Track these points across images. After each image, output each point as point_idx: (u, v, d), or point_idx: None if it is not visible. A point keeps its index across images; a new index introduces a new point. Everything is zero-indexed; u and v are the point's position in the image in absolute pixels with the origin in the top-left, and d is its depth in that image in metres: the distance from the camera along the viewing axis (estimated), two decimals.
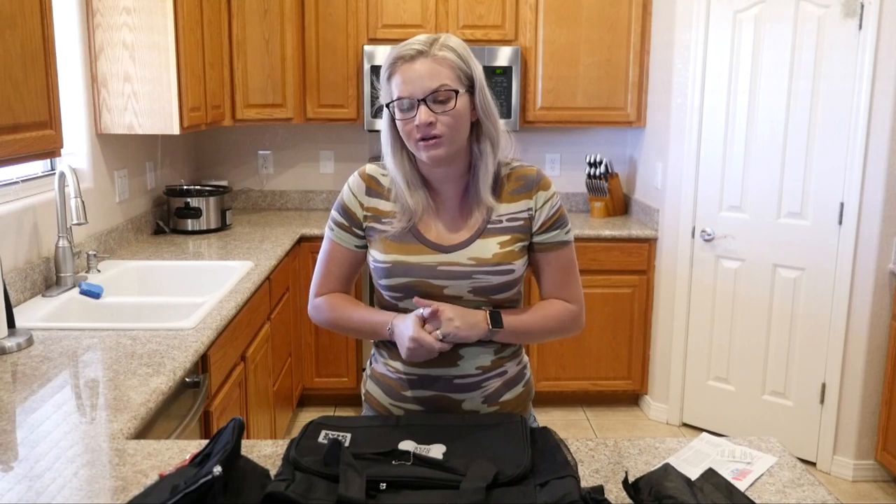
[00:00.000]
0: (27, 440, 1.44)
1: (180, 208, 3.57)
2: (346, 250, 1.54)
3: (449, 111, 1.39)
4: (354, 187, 1.53)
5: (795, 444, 3.40)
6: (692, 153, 3.57)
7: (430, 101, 1.38)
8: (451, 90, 1.39)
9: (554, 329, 1.54)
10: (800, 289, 3.36)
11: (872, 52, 3.03)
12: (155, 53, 2.93)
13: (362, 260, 1.56)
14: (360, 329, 1.54)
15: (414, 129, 1.39)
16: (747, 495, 1.24)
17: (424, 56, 1.38)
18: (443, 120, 1.39)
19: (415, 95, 1.38)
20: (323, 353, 3.83)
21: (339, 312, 1.55)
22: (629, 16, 3.89)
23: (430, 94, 1.37)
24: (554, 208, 1.52)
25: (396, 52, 1.41)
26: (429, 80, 1.38)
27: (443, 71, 1.38)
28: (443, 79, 1.38)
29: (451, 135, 1.41)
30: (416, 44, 1.40)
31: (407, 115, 1.40)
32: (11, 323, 2.00)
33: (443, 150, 1.41)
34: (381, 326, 1.48)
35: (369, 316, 1.52)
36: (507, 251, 1.47)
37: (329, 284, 1.57)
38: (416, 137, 1.40)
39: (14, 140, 1.73)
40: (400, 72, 1.40)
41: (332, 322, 1.56)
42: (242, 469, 1.18)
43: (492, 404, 1.52)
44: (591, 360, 3.90)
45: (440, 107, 1.38)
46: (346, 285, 1.59)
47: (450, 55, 1.40)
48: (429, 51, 1.39)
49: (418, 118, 1.38)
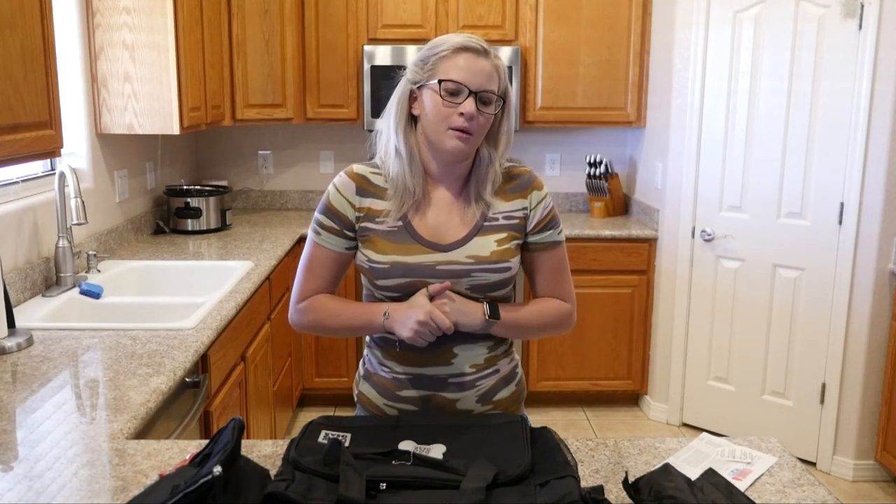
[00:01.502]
0: (27, 440, 1.44)
1: (180, 208, 3.57)
2: (334, 253, 1.52)
3: (488, 114, 1.45)
4: (342, 188, 1.51)
5: (795, 444, 3.40)
6: (692, 153, 3.57)
7: (478, 99, 1.43)
8: (498, 96, 1.46)
9: (548, 325, 1.56)
10: (800, 289, 3.36)
11: (872, 52, 3.03)
12: (155, 53, 2.93)
13: (349, 262, 1.54)
14: (352, 323, 1.49)
15: (455, 116, 1.42)
16: (747, 495, 1.24)
17: (488, 57, 1.45)
18: (479, 120, 1.44)
19: (471, 86, 1.42)
20: (323, 353, 3.83)
21: (327, 311, 1.51)
22: (629, 16, 3.89)
23: (484, 91, 1.43)
24: (547, 209, 1.54)
25: (462, 41, 1.44)
26: (487, 79, 1.44)
27: (496, 77, 1.46)
28: (494, 84, 1.45)
29: (478, 137, 1.46)
30: (482, 42, 1.46)
31: (453, 100, 1.43)
32: (11, 323, 2.00)
33: (469, 146, 1.46)
34: (376, 314, 1.45)
35: (361, 308, 1.50)
36: (505, 248, 1.49)
37: (314, 289, 1.53)
38: (454, 125, 1.43)
39: (14, 140, 1.73)
40: (463, 59, 1.43)
41: (318, 322, 1.52)
42: (242, 469, 1.18)
43: (485, 403, 1.52)
44: (591, 360, 3.90)
45: (483, 107, 1.44)
46: (333, 288, 1.56)
47: (502, 66, 1.48)
48: (490, 54, 1.46)
49: (465, 107, 1.42)
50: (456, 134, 1.43)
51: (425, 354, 1.48)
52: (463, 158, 1.48)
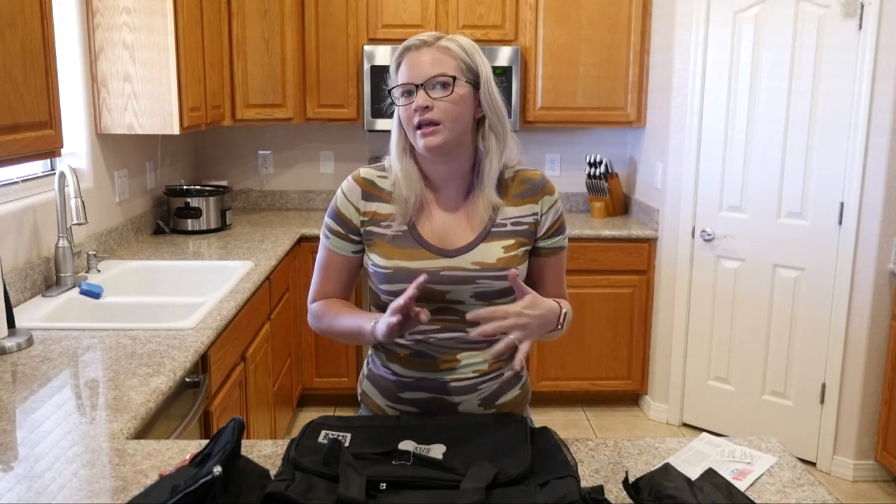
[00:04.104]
0: (27, 440, 1.44)
1: (180, 208, 3.57)
2: (343, 257, 1.52)
3: (447, 97, 1.40)
4: (349, 192, 1.50)
5: (795, 444, 3.40)
6: (692, 153, 3.57)
7: (429, 88, 1.40)
8: (449, 76, 1.40)
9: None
10: (800, 289, 3.36)
11: (872, 52, 3.03)
12: (155, 53, 2.93)
13: (359, 265, 1.54)
14: (347, 331, 1.47)
15: (412, 115, 1.41)
16: (747, 495, 1.23)
17: (429, 46, 1.42)
18: (440, 106, 1.40)
19: (415, 81, 1.40)
20: (323, 353, 3.83)
21: (327, 319, 1.51)
22: (629, 16, 3.89)
23: (430, 79, 1.40)
24: (557, 214, 1.53)
25: (404, 44, 1.44)
26: (429, 68, 1.40)
27: (446, 60, 1.41)
28: (444, 67, 1.41)
29: (449, 123, 1.41)
30: (424, 35, 1.44)
31: (407, 101, 1.42)
32: (11, 323, 2.00)
33: (440, 137, 1.41)
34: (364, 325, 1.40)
35: (355, 317, 1.46)
36: (512, 255, 1.46)
37: (326, 291, 1.54)
38: (414, 123, 1.41)
39: (14, 140, 1.73)
40: (405, 59, 1.43)
41: (323, 330, 1.53)
42: (242, 469, 1.18)
43: (488, 407, 1.51)
44: (591, 360, 3.90)
45: (439, 92, 1.40)
46: (345, 291, 1.56)
47: (454, 46, 1.43)
48: (434, 42, 1.43)
49: (416, 102, 1.39)
50: (420, 132, 1.41)
51: (430, 360, 1.48)
52: (445, 153, 1.43)
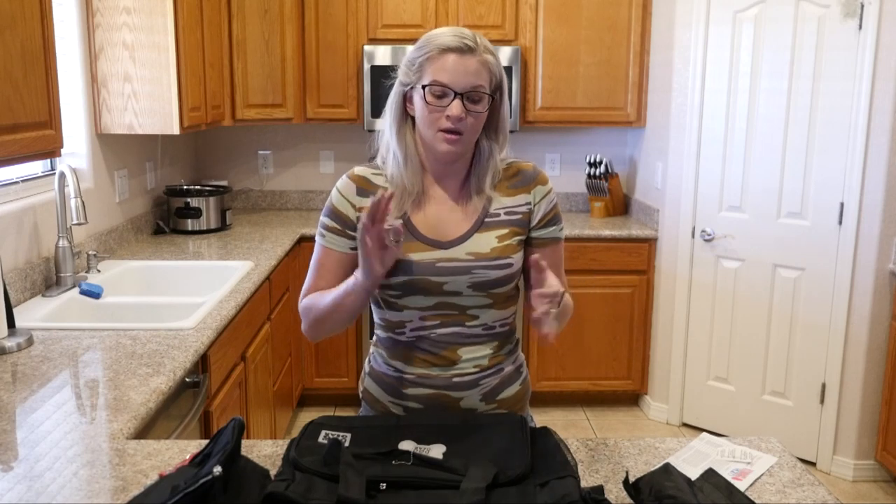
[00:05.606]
0: (27, 440, 1.44)
1: (180, 208, 3.57)
2: (340, 254, 1.52)
3: (477, 112, 1.42)
4: (344, 190, 1.52)
5: (795, 444, 3.40)
6: (692, 153, 3.57)
7: (466, 98, 1.40)
8: (486, 93, 1.42)
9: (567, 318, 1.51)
10: (800, 289, 3.36)
11: (872, 52, 3.03)
12: (155, 53, 2.93)
13: (355, 264, 1.52)
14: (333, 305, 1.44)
15: (443, 119, 1.41)
16: (747, 495, 1.24)
17: (473, 53, 1.41)
18: (469, 120, 1.42)
19: (455, 87, 1.40)
20: (323, 353, 3.83)
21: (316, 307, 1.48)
22: (629, 16, 3.89)
23: (470, 90, 1.40)
24: (551, 204, 1.54)
25: (445, 42, 1.41)
26: (473, 77, 1.40)
27: (484, 73, 1.42)
28: (482, 80, 1.41)
29: (470, 136, 1.44)
30: (466, 38, 1.41)
31: (439, 103, 1.41)
32: (11, 323, 2.00)
33: (461, 147, 1.44)
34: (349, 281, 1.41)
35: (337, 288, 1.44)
36: (505, 245, 1.48)
37: (318, 288, 1.52)
38: (443, 127, 1.41)
39: (14, 140, 1.73)
40: (446, 59, 1.40)
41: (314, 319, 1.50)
42: (242, 469, 1.18)
43: (490, 402, 1.52)
44: (591, 360, 3.90)
45: (472, 105, 1.41)
46: None
47: (492, 59, 1.43)
48: (477, 49, 1.41)
49: (451, 110, 1.39)
50: (445, 136, 1.42)
51: (431, 356, 1.49)
52: (456, 158, 1.48)
